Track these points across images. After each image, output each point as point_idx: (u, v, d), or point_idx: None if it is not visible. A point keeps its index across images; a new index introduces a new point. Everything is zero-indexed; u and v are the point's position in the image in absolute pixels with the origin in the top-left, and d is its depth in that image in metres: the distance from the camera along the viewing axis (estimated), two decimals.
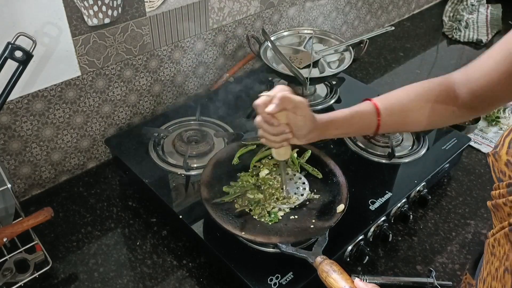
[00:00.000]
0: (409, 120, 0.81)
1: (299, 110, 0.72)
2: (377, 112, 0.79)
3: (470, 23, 1.78)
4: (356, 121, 0.80)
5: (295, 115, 0.72)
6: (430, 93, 0.79)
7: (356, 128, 0.82)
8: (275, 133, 0.74)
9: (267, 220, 0.83)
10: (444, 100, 0.78)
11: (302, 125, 0.74)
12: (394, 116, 0.80)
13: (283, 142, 0.76)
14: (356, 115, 0.80)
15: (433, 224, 1.00)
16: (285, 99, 0.70)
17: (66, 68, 0.96)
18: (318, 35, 1.31)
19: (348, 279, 0.65)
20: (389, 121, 0.80)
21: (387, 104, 0.80)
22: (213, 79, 1.30)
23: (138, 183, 0.99)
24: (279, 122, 0.73)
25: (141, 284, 0.86)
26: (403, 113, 0.80)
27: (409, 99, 0.80)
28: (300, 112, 0.72)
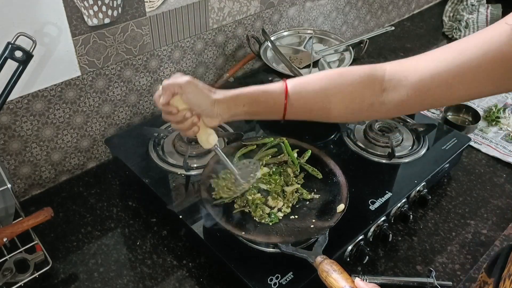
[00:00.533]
0: (316, 107, 0.75)
1: (186, 88, 0.72)
2: (285, 93, 0.74)
3: (470, 23, 1.78)
4: (263, 99, 0.76)
5: (186, 95, 0.73)
6: (346, 81, 0.73)
7: (264, 107, 0.77)
8: (179, 120, 0.75)
9: (267, 221, 0.83)
10: (362, 91, 0.72)
11: (196, 101, 0.74)
12: (301, 100, 0.75)
13: (193, 127, 0.76)
14: (263, 93, 0.76)
15: (433, 224, 1.00)
16: (169, 86, 0.72)
17: (66, 68, 0.96)
18: (318, 35, 1.31)
19: (348, 279, 0.65)
20: (296, 105, 0.75)
21: (297, 87, 0.75)
22: (213, 79, 1.30)
23: (138, 183, 0.99)
24: (177, 109, 0.74)
25: (141, 284, 0.86)
26: (311, 99, 0.75)
27: (320, 84, 0.74)
28: (188, 89, 0.72)
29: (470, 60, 0.61)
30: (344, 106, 0.74)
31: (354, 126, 1.13)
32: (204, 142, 0.82)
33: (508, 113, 1.34)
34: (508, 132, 1.28)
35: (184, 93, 0.73)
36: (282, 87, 0.75)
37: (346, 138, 1.09)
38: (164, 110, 0.75)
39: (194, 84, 0.73)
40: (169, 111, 0.74)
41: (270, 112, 0.78)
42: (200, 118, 0.77)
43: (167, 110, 0.75)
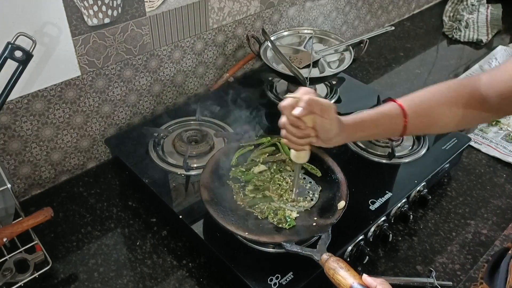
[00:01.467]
0: (436, 122, 0.79)
1: (326, 113, 0.71)
2: (403, 114, 0.77)
3: (470, 23, 1.78)
4: (382, 122, 0.78)
5: (322, 118, 0.71)
6: (457, 95, 0.78)
7: (382, 130, 0.80)
8: (300, 136, 0.73)
9: (285, 226, 0.83)
10: (471, 103, 0.76)
11: (329, 129, 0.73)
12: (421, 118, 0.78)
13: (306, 145, 0.76)
14: (382, 117, 0.78)
15: (433, 224, 1.00)
16: (313, 102, 0.69)
17: (66, 68, 0.96)
18: (318, 35, 1.31)
19: (356, 276, 0.65)
20: (416, 123, 0.78)
21: (413, 106, 0.78)
22: (213, 79, 1.30)
23: (138, 183, 0.99)
24: (305, 125, 0.72)
25: (141, 284, 0.86)
26: (430, 115, 0.78)
27: (435, 101, 0.78)
28: (327, 116, 0.71)
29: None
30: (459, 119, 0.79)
31: None
32: (300, 158, 0.80)
33: None
34: (508, 132, 1.28)
35: (323, 117, 0.71)
36: (398, 108, 0.77)
37: None
38: (292, 121, 0.72)
39: (334, 111, 0.72)
40: (297, 124, 0.72)
41: (388, 133, 0.82)
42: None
43: (296, 123, 0.72)
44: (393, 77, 1.52)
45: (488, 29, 1.78)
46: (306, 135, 0.73)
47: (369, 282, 0.63)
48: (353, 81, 1.32)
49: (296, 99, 0.70)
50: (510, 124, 1.31)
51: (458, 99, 0.77)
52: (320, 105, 0.70)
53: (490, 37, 1.75)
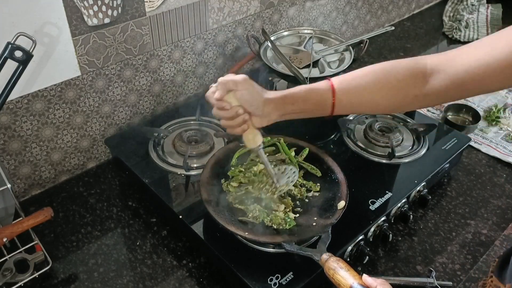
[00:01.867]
0: (364, 101, 0.79)
1: (241, 85, 0.74)
2: (332, 90, 0.78)
3: (470, 23, 1.78)
4: (311, 97, 0.80)
5: (240, 91, 0.75)
6: (391, 75, 0.77)
7: (312, 105, 0.80)
8: (231, 115, 0.76)
9: (285, 226, 0.83)
10: (407, 84, 0.76)
11: (250, 98, 0.76)
12: (349, 96, 0.79)
13: (243, 124, 0.78)
14: (311, 92, 0.80)
15: (433, 224, 1.00)
16: (225, 81, 0.74)
17: (66, 68, 0.96)
18: (318, 35, 1.31)
19: (356, 276, 0.65)
20: (344, 101, 0.79)
21: (343, 84, 0.79)
22: (213, 79, 1.30)
23: (138, 183, 0.99)
24: (230, 105, 0.75)
25: (141, 284, 0.86)
26: (358, 94, 0.79)
27: (366, 80, 0.78)
28: (243, 86, 0.75)
29: (499, 55, 0.65)
30: (391, 100, 0.78)
31: (354, 126, 1.13)
32: (250, 141, 0.82)
33: (508, 113, 1.34)
34: (508, 132, 1.28)
35: (239, 90, 0.74)
36: (328, 85, 0.79)
37: (346, 138, 1.09)
38: (217, 105, 0.76)
39: (250, 82, 0.76)
40: (222, 106, 0.76)
41: (318, 110, 0.81)
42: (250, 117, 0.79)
43: (220, 106, 0.76)
44: None
45: (488, 29, 1.78)
46: (235, 113, 0.76)
47: (369, 282, 0.63)
48: None
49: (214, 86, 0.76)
50: (510, 124, 1.31)
51: (391, 79, 0.77)
52: (232, 80, 0.74)
53: None
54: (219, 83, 0.75)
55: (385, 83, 0.77)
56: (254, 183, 0.91)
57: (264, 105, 0.77)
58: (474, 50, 0.70)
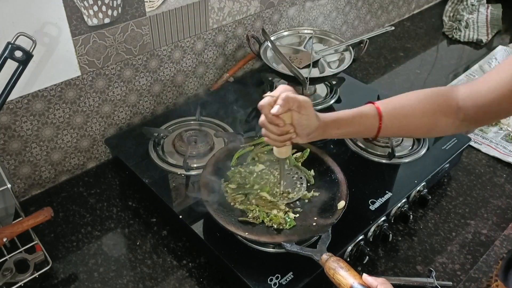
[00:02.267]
0: (409, 126, 0.83)
1: (304, 109, 0.73)
2: (379, 115, 0.80)
3: (470, 23, 1.78)
4: (357, 122, 0.81)
5: (300, 114, 0.73)
6: (432, 102, 0.81)
7: (357, 130, 0.82)
8: (280, 133, 0.75)
9: (285, 226, 0.83)
10: (446, 111, 0.80)
11: (306, 124, 0.75)
12: (395, 121, 0.82)
13: (286, 141, 0.77)
14: (358, 116, 0.81)
15: (433, 224, 1.00)
16: (289, 100, 0.71)
17: (66, 68, 0.96)
18: (318, 35, 1.31)
19: (356, 275, 0.65)
20: (390, 125, 0.81)
21: (389, 108, 0.81)
22: (213, 79, 1.30)
23: (138, 183, 0.99)
24: (284, 123, 0.73)
25: (141, 284, 0.86)
26: (404, 119, 0.82)
27: (411, 106, 0.82)
28: (305, 111, 0.73)
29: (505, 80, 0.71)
30: (433, 125, 0.82)
31: None
32: (282, 153, 0.82)
33: None
34: (508, 132, 1.28)
35: (300, 113, 0.73)
36: (375, 110, 0.81)
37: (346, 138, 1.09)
38: (271, 120, 0.73)
39: (310, 107, 0.74)
40: (276, 123, 0.73)
41: (362, 133, 0.85)
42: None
43: (275, 122, 0.73)
44: (393, 77, 1.52)
45: (488, 29, 1.78)
46: (285, 132, 0.75)
47: (370, 282, 0.63)
48: (353, 81, 1.32)
49: (274, 98, 0.72)
50: (510, 124, 1.31)
51: (433, 106, 0.81)
52: (297, 102, 0.71)
53: (490, 37, 1.75)
54: (284, 100, 0.70)
55: (428, 110, 0.81)
56: (251, 183, 0.91)
57: (314, 131, 0.77)
58: (491, 75, 0.75)
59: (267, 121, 0.74)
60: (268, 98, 0.73)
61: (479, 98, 0.76)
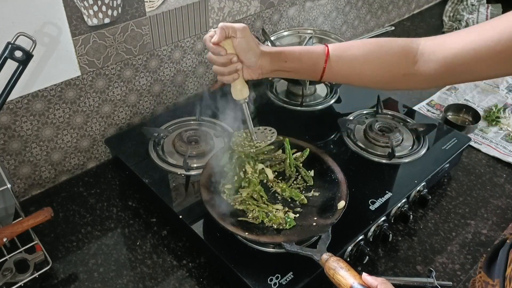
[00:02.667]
0: (354, 72, 0.81)
1: (240, 32, 0.75)
2: (326, 56, 0.79)
3: (470, 23, 1.78)
4: (304, 58, 0.81)
5: (238, 38, 0.76)
6: (384, 50, 0.79)
7: (304, 67, 0.82)
8: (224, 62, 0.78)
9: (285, 226, 0.83)
10: (398, 62, 0.77)
11: (246, 48, 0.77)
12: (340, 64, 0.80)
13: (234, 73, 0.79)
14: (305, 53, 0.81)
15: (433, 224, 1.00)
16: (225, 27, 0.75)
17: (66, 68, 0.96)
18: (318, 35, 1.31)
19: (356, 275, 0.65)
20: (335, 68, 0.80)
21: (337, 51, 0.80)
22: (213, 79, 1.30)
23: (138, 183, 0.99)
24: (226, 51, 0.77)
25: (141, 284, 0.86)
26: (349, 63, 0.81)
27: (359, 51, 0.80)
28: (241, 34, 0.75)
29: (487, 41, 0.66)
30: (380, 74, 0.80)
31: (354, 126, 1.13)
32: (237, 92, 0.83)
33: (508, 113, 1.34)
34: (508, 132, 1.28)
35: (237, 37, 0.75)
36: (324, 49, 0.80)
37: (346, 138, 1.09)
38: (213, 49, 0.77)
39: (248, 32, 0.77)
40: (217, 51, 0.77)
41: (309, 72, 0.83)
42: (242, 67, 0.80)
43: (216, 51, 0.77)
44: None
45: None
46: (229, 60, 0.77)
47: (369, 282, 0.63)
48: None
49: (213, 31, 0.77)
50: (510, 124, 1.31)
51: (384, 55, 0.78)
52: (232, 27, 0.75)
53: None
54: (219, 28, 0.75)
55: (377, 56, 0.79)
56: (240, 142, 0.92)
57: (259, 57, 0.79)
58: (465, 34, 0.71)
59: (211, 52, 0.78)
60: (210, 32, 0.77)
61: (448, 54, 0.71)
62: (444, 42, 0.74)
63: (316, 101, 1.23)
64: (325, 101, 1.22)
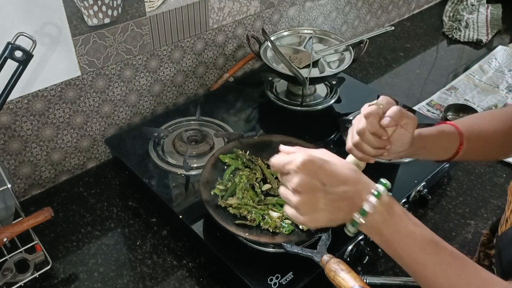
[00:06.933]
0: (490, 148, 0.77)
1: (410, 127, 0.68)
2: (459, 134, 0.75)
3: (470, 23, 1.78)
4: (441, 140, 0.75)
5: (404, 130, 0.68)
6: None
7: (439, 149, 0.77)
8: (378, 146, 0.69)
9: (282, 231, 0.82)
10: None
11: (406, 142, 0.70)
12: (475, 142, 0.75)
13: (377, 156, 0.71)
14: (442, 135, 0.75)
15: (433, 224, 1.00)
16: (402, 114, 0.67)
17: (66, 68, 0.96)
18: (318, 35, 1.31)
19: (357, 278, 0.65)
20: (471, 146, 0.75)
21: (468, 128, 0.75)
22: (213, 79, 1.30)
23: (138, 183, 0.99)
24: (388, 135, 0.68)
25: (141, 284, 0.86)
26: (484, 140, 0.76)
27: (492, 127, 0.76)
28: (411, 129, 0.68)
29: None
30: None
31: None
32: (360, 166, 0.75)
33: None
34: None
35: (406, 130, 0.68)
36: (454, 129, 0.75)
37: (344, 137, 1.09)
38: (376, 131, 0.67)
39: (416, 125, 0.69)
40: (380, 134, 0.67)
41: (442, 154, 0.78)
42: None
43: (379, 133, 0.67)
44: (393, 77, 1.52)
45: (488, 29, 1.78)
46: (384, 146, 0.69)
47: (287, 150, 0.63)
48: (353, 81, 1.32)
49: (381, 108, 0.67)
50: None
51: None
52: (406, 117, 0.67)
53: (490, 37, 1.75)
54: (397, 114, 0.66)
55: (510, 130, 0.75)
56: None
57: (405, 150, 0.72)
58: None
59: (368, 130, 0.67)
60: (375, 106, 0.67)
61: None
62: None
63: (316, 101, 1.23)
64: (325, 101, 1.22)
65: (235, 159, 0.95)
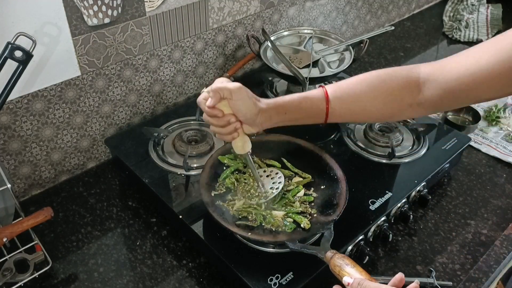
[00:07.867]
0: (358, 109, 0.80)
1: (235, 94, 0.73)
2: (326, 99, 0.78)
3: (470, 23, 1.78)
4: (304, 106, 0.79)
5: (234, 100, 0.73)
6: (385, 84, 0.77)
7: (305, 113, 0.80)
8: (222, 124, 0.76)
9: (284, 229, 0.82)
10: (401, 93, 0.76)
11: (244, 109, 0.75)
12: (343, 104, 0.79)
13: (234, 132, 0.77)
14: (304, 100, 0.79)
15: (433, 224, 1.00)
16: (218, 89, 0.72)
17: (66, 68, 0.96)
18: (318, 35, 1.31)
19: (362, 272, 0.65)
20: (338, 109, 0.79)
21: (337, 92, 0.79)
22: (213, 79, 1.30)
23: (138, 183, 0.99)
24: (223, 113, 0.75)
25: (141, 284, 0.86)
26: (352, 102, 0.79)
27: (360, 88, 0.78)
28: (237, 97, 0.73)
29: (486, 65, 0.66)
30: (385, 108, 0.78)
31: (354, 126, 1.13)
32: (239, 148, 0.82)
33: (508, 113, 1.34)
34: (508, 132, 1.28)
35: (233, 99, 0.73)
36: (322, 93, 0.78)
37: (346, 138, 1.09)
38: (209, 112, 0.75)
39: (244, 91, 0.74)
40: (214, 114, 0.75)
41: (311, 118, 0.81)
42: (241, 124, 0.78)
43: (212, 113, 0.75)
44: None
45: (488, 29, 1.78)
46: (227, 122, 0.75)
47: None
48: None
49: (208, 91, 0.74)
50: (510, 124, 1.31)
51: (386, 88, 0.77)
52: (227, 89, 0.72)
53: (490, 37, 1.75)
54: (212, 91, 0.73)
55: (380, 92, 0.77)
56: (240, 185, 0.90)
57: (258, 115, 0.77)
58: (464, 58, 0.71)
59: (207, 115, 0.76)
60: (204, 93, 0.75)
61: (448, 80, 0.71)
62: (443, 68, 0.73)
63: None
64: None
65: (234, 160, 0.95)
